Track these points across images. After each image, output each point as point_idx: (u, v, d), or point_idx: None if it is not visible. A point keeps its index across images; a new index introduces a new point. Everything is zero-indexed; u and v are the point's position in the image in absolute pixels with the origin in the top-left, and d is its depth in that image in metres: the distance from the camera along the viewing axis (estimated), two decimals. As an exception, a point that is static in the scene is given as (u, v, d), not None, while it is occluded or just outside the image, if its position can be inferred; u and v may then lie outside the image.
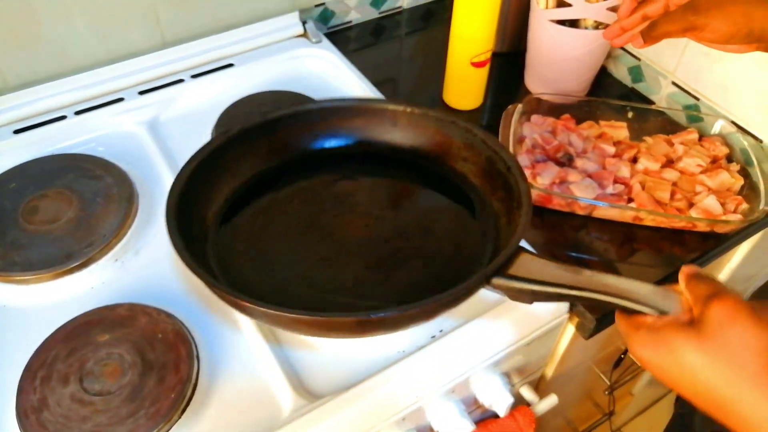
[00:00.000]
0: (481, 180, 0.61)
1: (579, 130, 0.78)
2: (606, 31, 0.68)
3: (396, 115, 0.64)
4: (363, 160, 0.65)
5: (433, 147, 0.64)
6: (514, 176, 0.55)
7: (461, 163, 0.63)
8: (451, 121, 0.62)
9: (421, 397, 0.57)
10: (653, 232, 0.71)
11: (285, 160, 0.64)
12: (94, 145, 0.77)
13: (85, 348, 0.56)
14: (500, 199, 0.58)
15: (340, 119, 0.64)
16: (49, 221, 0.66)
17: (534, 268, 0.47)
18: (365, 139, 0.65)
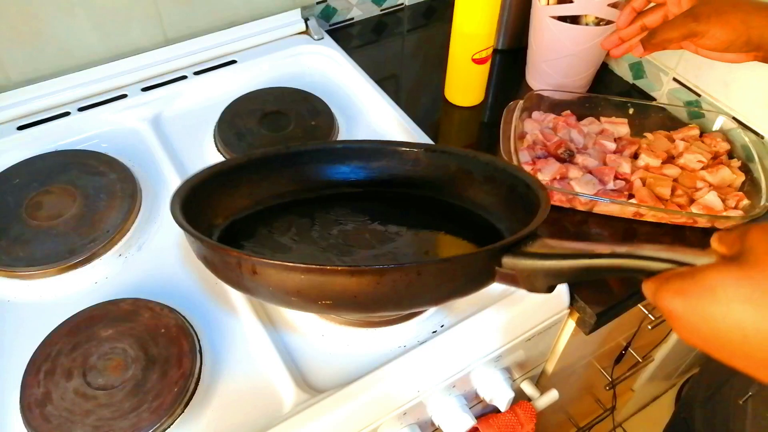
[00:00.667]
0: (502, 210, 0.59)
1: (580, 127, 0.78)
2: (604, 41, 0.68)
3: (417, 156, 0.62)
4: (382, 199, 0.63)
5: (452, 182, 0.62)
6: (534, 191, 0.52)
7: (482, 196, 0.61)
8: (472, 157, 0.60)
9: (422, 392, 0.57)
10: (654, 227, 0.71)
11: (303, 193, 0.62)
12: (97, 141, 0.78)
13: (89, 342, 0.57)
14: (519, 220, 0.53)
15: (361, 158, 0.63)
16: (53, 217, 0.67)
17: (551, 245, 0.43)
18: (386, 178, 0.63)
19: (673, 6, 0.63)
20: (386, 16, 1.05)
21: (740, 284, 0.31)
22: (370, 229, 0.60)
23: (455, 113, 0.88)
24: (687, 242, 0.70)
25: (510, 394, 0.63)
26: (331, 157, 0.63)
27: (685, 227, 0.71)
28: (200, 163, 0.75)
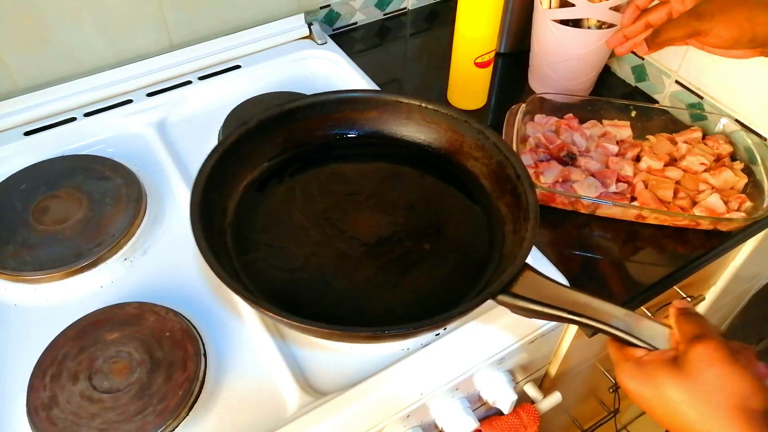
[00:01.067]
0: (490, 182, 0.62)
1: (582, 129, 0.78)
2: (609, 40, 0.68)
3: (410, 109, 0.65)
4: (376, 152, 0.66)
5: (445, 144, 0.65)
6: (523, 186, 0.56)
7: (472, 162, 0.64)
8: (464, 120, 0.63)
9: (426, 394, 0.58)
10: (656, 230, 0.71)
11: (300, 150, 0.65)
12: (103, 146, 0.78)
13: (95, 346, 0.57)
14: (508, 204, 0.59)
15: (355, 110, 0.65)
16: (59, 221, 0.67)
17: (536, 287, 0.49)
18: (379, 131, 0.66)
19: (677, 3, 0.63)
20: (389, 21, 1.06)
21: (678, 387, 0.41)
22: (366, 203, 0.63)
23: (458, 117, 0.88)
24: (690, 244, 0.70)
25: (513, 396, 0.63)
26: (325, 110, 0.64)
27: (688, 229, 0.71)
28: (205, 167, 0.76)
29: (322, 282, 0.57)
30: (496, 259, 0.57)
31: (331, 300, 0.56)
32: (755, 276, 1.00)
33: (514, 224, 0.58)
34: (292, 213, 0.62)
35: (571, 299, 0.47)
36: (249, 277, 0.56)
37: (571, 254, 0.69)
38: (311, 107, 0.64)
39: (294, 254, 0.59)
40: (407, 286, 0.56)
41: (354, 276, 0.57)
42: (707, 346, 0.41)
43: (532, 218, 0.53)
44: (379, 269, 0.57)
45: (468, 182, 0.64)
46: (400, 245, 0.59)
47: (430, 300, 0.55)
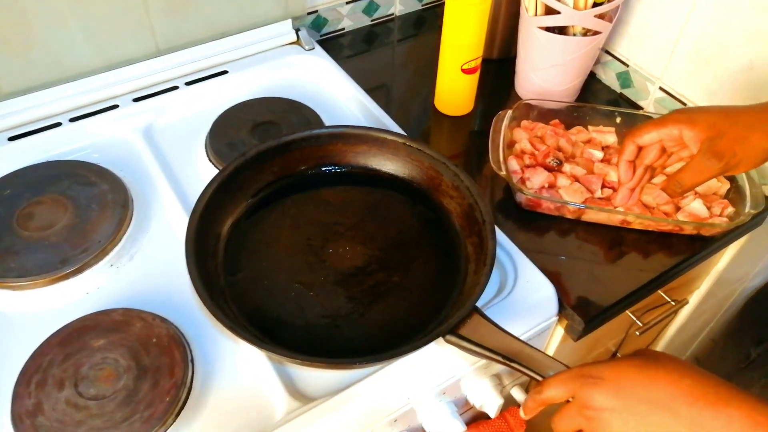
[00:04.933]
0: (461, 221, 0.66)
1: (568, 135, 0.79)
2: (618, 200, 0.67)
3: (396, 146, 0.70)
4: (363, 184, 0.71)
5: (425, 180, 0.70)
6: (486, 231, 0.60)
7: (448, 200, 0.68)
8: (443, 162, 0.67)
9: (413, 399, 0.58)
10: (641, 235, 0.72)
11: (293, 178, 0.69)
12: (89, 151, 0.78)
13: (80, 353, 0.57)
14: (474, 244, 0.64)
15: (346, 144, 0.70)
16: (45, 227, 0.67)
17: (481, 330, 0.53)
18: (366, 164, 0.71)
19: (681, 152, 0.62)
20: (377, 27, 1.07)
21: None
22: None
23: (445, 122, 0.89)
24: (674, 249, 0.71)
25: (499, 401, 0.63)
26: (319, 143, 0.69)
27: (672, 234, 0.72)
28: (192, 173, 0.76)
29: (298, 307, 0.60)
30: (456, 295, 0.61)
31: (302, 324, 0.59)
32: (738, 279, 1.01)
33: (476, 264, 0.61)
34: (280, 239, 0.65)
35: (509, 346, 0.52)
36: (233, 296, 0.59)
37: (557, 259, 0.70)
38: (306, 140, 0.69)
39: (276, 279, 0.62)
40: (373, 316, 0.59)
41: (326, 303, 0.60)
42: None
43: (488, 264, 0.57)
44: (350, 299, 0.61)
45: (443, 218, 0.68)
46: (372, 276, 0.62)
47: (393, 331, 0.59)
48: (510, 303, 0.63)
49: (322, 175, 0.71)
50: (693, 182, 0.59)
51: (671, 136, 0.60)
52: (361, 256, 0.64)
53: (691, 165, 0.58)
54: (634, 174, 0.64)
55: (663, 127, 0.60)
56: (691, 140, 0.58)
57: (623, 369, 0.44)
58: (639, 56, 0.89)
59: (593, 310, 0.65)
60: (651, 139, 0.61)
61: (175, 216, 0.71)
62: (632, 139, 0.62)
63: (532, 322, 0.64)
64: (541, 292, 0.65)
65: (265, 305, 0.59)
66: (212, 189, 0.61)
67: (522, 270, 0.66)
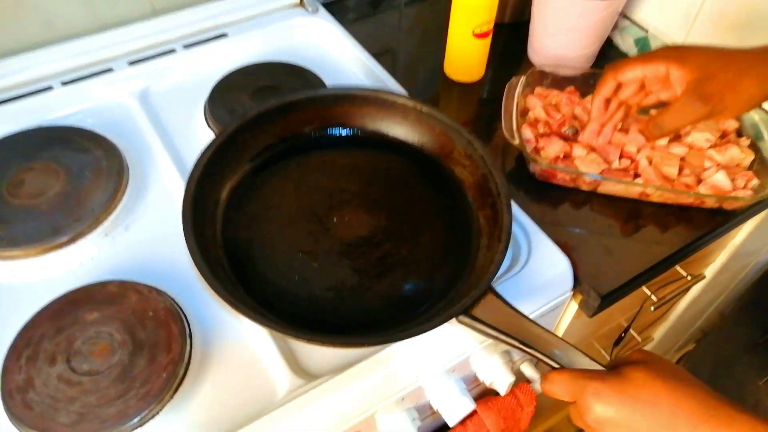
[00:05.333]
0: (474, 192, 0.62)
1: (584, 104, 0.76)
2: (584, 137, 0.65)
3: (406, 110, 0.65)
4: (370, 149, 0.66)
5: (436, 147, 0.65)
6: (502, 204, 0.56)
7: (460, 169, 0.64)
8: (455, 129, 0.63)
9: (421, 377, 0.55)
10: (659, 208, 0.69)
11: (296, 141, 0.65)
12: (82, 117, 0.75)
13: (73, 327, 0.54)
14: (486, 217, 0.60)
15: (352, 107, 0.65)
16: (36, 195, 0.64)
17: (495, 312, 0.50)
18: (374, 128, 0.66)
19: (663, 93, 0.58)
20: (383, -11, 1.02)
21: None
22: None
23: (454, 89, 0.85)
24: (693, 223, 0.68)
25: (510, 378, 0.61)
26: (324, 104, 0.65)
27: (692, 208, 0.69)
28: (190, 140, 0.73)
29: (301, 278, 0.56)
30: (467, 272, 0.57)
31: (306, 296, 0.55)
32: (753, 253, 0.99)
33: (488, 239, 0.58)
34: (282, 205, 0.61)
35: (525, 332, 0.49)
36: (232, 266, 0.55)
37: (571, 232, 0.67)
38: (311, 101, 0.64)
39: (278, 248, 0.58)
40: (380, 290, 0.56)
41: (331, 275, 0.57)
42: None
43: (503, 241, 0.54)
44: (356, 271, 0.57)
45: (454, 188, 0.63)
46: (378, 248, 0.59)
47: (401, 306, 0.55)
48: (523, 277, 0.60)
49: (326, 138, 0.66)
50: (674, 125, 0.56)
51: (657, 74, 0.56)
52: (367, 226, 0.60)
53: (675, 107, 0.55)
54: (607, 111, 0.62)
55: (649, 64, 0.56)
56: (677, 80, 0.55)
57: (627, 382, 0.43)
58: (659, 21, 0.84)
59: (609, 286, 0.62)
60: (634, 76, 0.58)
61: (173, 184, 0.67)
62: (614, 74, 0.59)
63: (546, 298, 0.61)
64: (556, 266, 0.62)
65: (266, 276, 0.56)
66: (210, 151, 0.57)
67: (536, 243, 0.63)
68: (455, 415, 0.58)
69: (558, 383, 0.46)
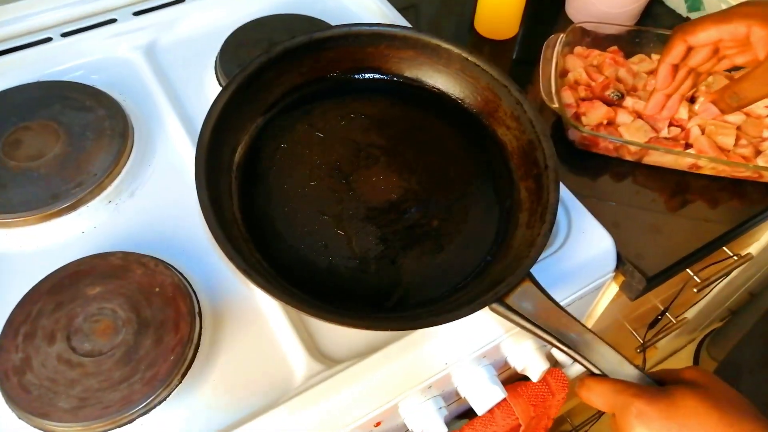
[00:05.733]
0: (517, 158, 0.56)
1: (628, 65, 0.69)
2: (649, 108, 0.58)
3: (450, 57, 0.57)
4: (405, 98, 0.59)
5: (479, 103, 0.58)
6: (548, 179, 0.51)
7: (503, 130, 0.57)
8: (504, 84, 0.56)
9: (451, 363, 0.51)
10: (710, 181, 0.63)
11: (323, 86, 0.58)
12: (83, 72, 0.69)
13: (74, 302, 0.50)
14: (529, 189, 0.54)
15: (390, 47, 0.58)
16: (33, 157, 0.59)
17: (532, 302, 0.45)
18: (412, 76, 0.59)
19: (738, 57, 0.52)
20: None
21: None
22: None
23: (485, 47, 0.78)
24: (747, 198, 0.62)
25: (544, 366, 0.57)
26: (358, 43, 0.57)
27: (747, 181, 0.63)
28: (200, 98, 0.67)
29: (322, 244, 0.51)
30: (503, 251, 0.52)
31: (326, 265, 0.50)
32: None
33: (529, 216, 0.52)
34: (304, 157, 0.55)
35: (563, 329, 0.45)
36: (247, 226, 0.50)
37: (613, 206, 0.61)
38: (344, 38, 0.57)
39: (299, 208, 0.53)
40: (406, 264, 0.51)
41: (354, 243, 0.51)
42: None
43: (548, 222, 0.48)
44: (381, 240, 0.52)
45: (495, 152, 0.57)
46: (407, 216, 0.53)
47: (429, 283, 0.50)
48: (562, 257, 0.55)
49: (357, 82, 0.59)
50: (754, 95, 0.49)
51: (735, 34, 0.49)
52: (396, 189, 0.54)
53: (756, 74, 0.48)
54: (674, 79, 0.55)
55: (726, 24, 0.49)
56: (760, 41, 0.48)
57: (676, 407, 0.38)
58: (712, -26, 0.77)
59: (656, 267, 0.57)
60: (708, 38, 0.51)
61: (182, 146, 0.62)
62: (683, 37, 0.52)
63: (586, 279, 0.56)
64: (598, 244, 0.57)
65: (284, 239, 0.51)
66: (229, 92, 0.50)
67: (577, 219, 0.58)
68: (485, 403, 0.54)
69: (598, 393, 0.41)
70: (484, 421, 0.61)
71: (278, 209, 0.52)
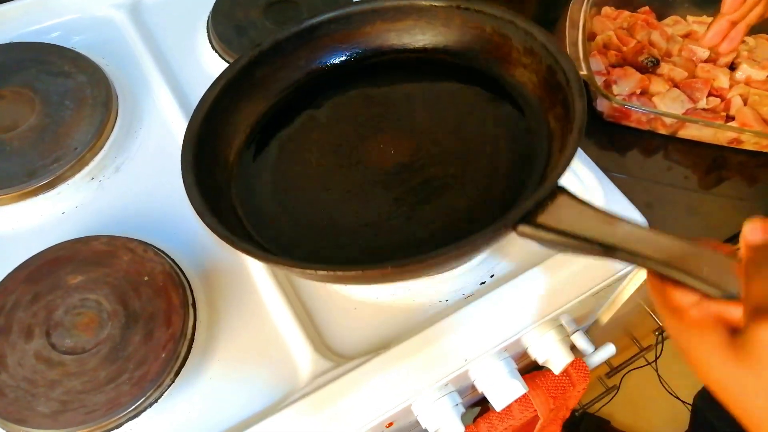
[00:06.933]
0: (540, 92, 0.50)
1: (662, 27, 0.63)
2: (708, 37, 0.52)
3: (449, 14, 0.53)
4: (412, 68, 0.55)
5: (490, 51, 0.53)
6: (573, 93, 0.45)
7: (521, 70, 0.52)
8: (509, 20, 0.51)
9: (470, 359, 0.46)
10: (749, 157, 0.58)
11: (325, 73, 0.54)
12: (61, 32, 0.64)
13: (54, 292, 0.45)
14: (557, 117, 0.48)
15: (386, 21, 0.54)
16: (6, 129, 0.54)
17: (568, 214, 0.38)
18: (415, 44, 0.55)
19: None
20: None
21: (735, 380, 0.30)
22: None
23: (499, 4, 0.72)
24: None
25: (568, 359, 0.53)
26: (351, 25, 0.54)
27: (791, 157, 0.58)
28: (191, 63, 0.62)
29: (329, 219, 0.46)
30: (537, 182, 0.46)
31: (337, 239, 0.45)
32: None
33: (561, 141, 0.46)
34: (308, 144, 0.51)
35: (609, 230, 0.36)
36: (247, 214, 0.45)
37: (643, 184, 0.56)
38: (335, 21, 0.53)
39: (301, 189, 0.48)
40: (423, 217, 0.46)
41: (363, 212, 0.46)
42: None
43: (575, 130, 0.41)
44: (394, 201, 0.47)
45: (516, 96, 0.52)
46: (421, 172, 0.49)
47: (446, 237, 0.44)
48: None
49: (360, 64, 0.55)
50: None
51: None
52: (407, 151, 0.50)
53: None
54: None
55: None
56: None
57: (752, 347, 0.29)
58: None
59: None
60: None
61: (171, 117, 0.57)
62: None
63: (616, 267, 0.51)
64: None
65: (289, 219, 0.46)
66: (217, 90, 0.47)
67: (608, 199, 0.52)
68: (504, 399, 0.50)
69: (675, 330, 0.33)
70: (501, 416, 0.57)
71: (280, 195, 0.47)
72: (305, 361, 0.44)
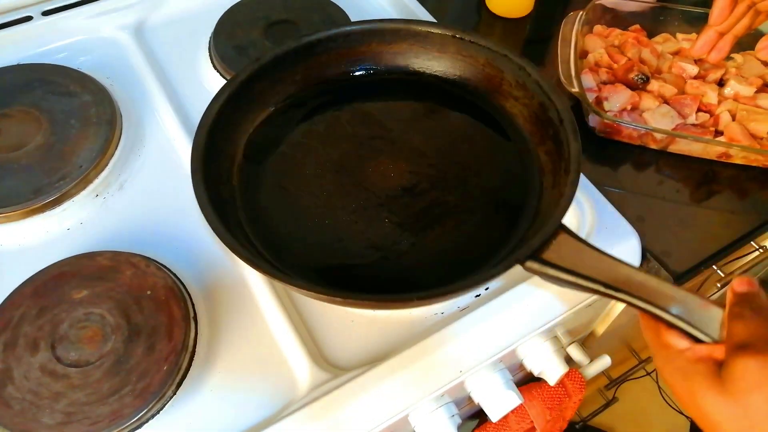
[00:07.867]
0: (530, 125, 0.53)
1: (652, 45, 0.65)
2: (697, 47, 0.54)
3: (444, 41, 0.56)
4: (406, 90, 0.57)
5: (482, 81, 0.56)
6: (566, 132, 0.47)
7: (511, 102, 0.55)
8: (503, 54, 0.54)
9: (466, 370, 0.47)
10: (739, 171, 0.59)
11: (320, 87, 0.56)
12: (66, 54, 0.65)
13: (59, 307, 0.46)
14: (548, 152, 0.51)
15: (382, 43, 0.57)
16: (13, 147, 0.55)
17: (570, 253, 0.41)
18: (408, 66, 0.58)
19: None
20: None
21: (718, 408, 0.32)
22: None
23: (497, 26, 0.74)
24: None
25: (563, 370, 0.53)
26: (349, 44, 0.56)
27: (779, 171, 0.59)
28: (193, 82, 0.63)
29: (336, 239, 0.48)
30: (531, 216, 0.49)
31: (342, 259, 0.47)
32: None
33: (553, 177, 0.49)
34: (307, 160, 0.53)
35: (610, 272, 0.40)
36: (254, 232, 0.47)
37: (636, 198, 0.57)
38: (333, 40, 0.55)
39: (305, 207, 0.50)
40: (427, 244, 0.48)
41: (369, 233, 0.48)
42: (755, 361, 0.32)
43: (573, 172, 0.44)
44: (398, 226, 0.49)
45: (506, 126, 0.54)
46: (422, 197, 0.51)
47: (451, 262, 0.47)
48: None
49: (355, 81, 0.57)
50: None
51: None
52: (407, 175, 0.52)
53: None
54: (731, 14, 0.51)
55: None
56: None
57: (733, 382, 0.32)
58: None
59: (685, 264, 0.53)
60: None
61: (174, 135, 0.58)
62: None
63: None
64: (622, 240, 0.53)
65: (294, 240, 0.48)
66: (220, 103, 0.49)
67: (599, 212, 0.54)
68: (500, 410, 0.51)
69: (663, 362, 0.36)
70: (498, 427, 0.58)
71: (285, 213, 0.49)
72: (303, 373, 0.45)
